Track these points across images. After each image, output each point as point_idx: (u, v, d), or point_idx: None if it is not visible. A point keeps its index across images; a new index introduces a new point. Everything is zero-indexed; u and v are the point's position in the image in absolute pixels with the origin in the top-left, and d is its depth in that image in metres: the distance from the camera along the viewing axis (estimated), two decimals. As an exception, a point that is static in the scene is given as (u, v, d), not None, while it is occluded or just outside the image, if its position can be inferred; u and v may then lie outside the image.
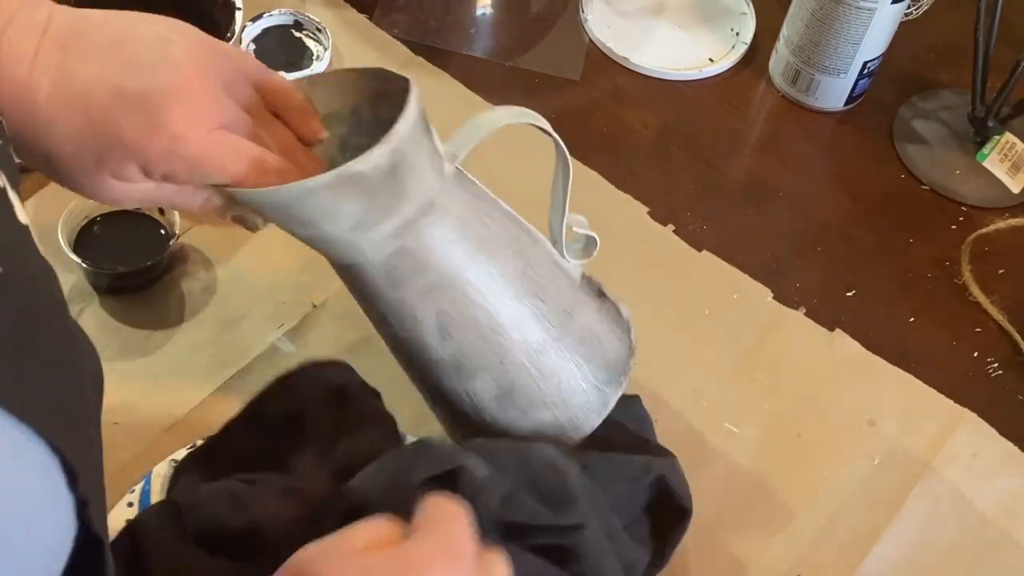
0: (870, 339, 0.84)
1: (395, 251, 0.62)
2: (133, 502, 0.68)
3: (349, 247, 0.62)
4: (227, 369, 0.78)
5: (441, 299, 0.64)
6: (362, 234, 0.61)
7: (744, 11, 1.05)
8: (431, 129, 0.62)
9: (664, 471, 0.69)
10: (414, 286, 0.63)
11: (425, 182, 0.61)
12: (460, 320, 0.65)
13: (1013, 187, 0.95)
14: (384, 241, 0.62)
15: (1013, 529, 0.76)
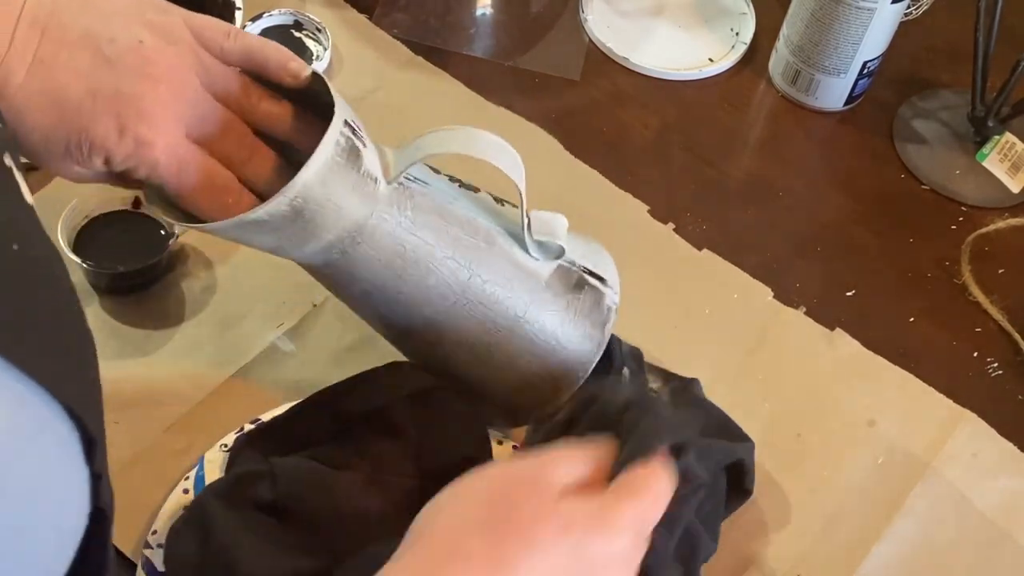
0: (870, 339, 0.84)
1: (324, 263, 0.65)
2: (188, 488, 0.70)
3: (283, 256, 0.65)
4: (227, 368, 0.78)
5: (378, 303, 0.67)
6: (286, 252, 0.64)
7: (744, 11, 1.05)
8: (362, 151, 0.62)
9: (744, 456, 0.71)
10: (350, 290, 0.67)
11: (345, 212, 0.62)
12: (399, 324, 0.68)
13: (1013, 187, 0.95)
14: (312, 255, 0.64)
15: (1013, 529, 0.76)
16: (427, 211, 0.65)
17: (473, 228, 0.67)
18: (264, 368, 0.78)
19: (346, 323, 0.81)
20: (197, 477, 0.71)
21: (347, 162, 0.61)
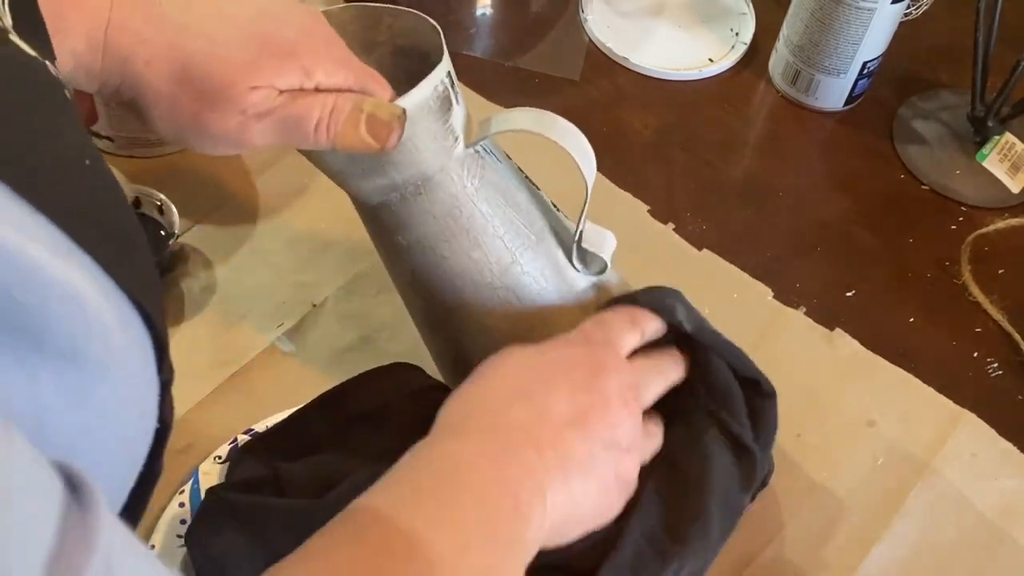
0: (870, 339, 0.84)
1: (379, 204, 0.65)
2: (184, 502, 0.70)
3: (342, 185, 0.66)
4: (227, 368, 0.78)
5: (416, 259, 0.67)
6: (346, 180, 0.65)
7: (744, 11, 1.05)
8: (453, 106, 0.63)
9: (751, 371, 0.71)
10: (393, 239, 0.67)
11: (420, 157, 0.63)
12: (429, 285, 0.68)
13: (1013, 187, 0.95)
14: (368, 193, 0.65)
15: (1013, 529, 0.76)
16: (492, 186, 0.66)
17: (529, 218, 0.68)
18: (264, 368, 0.78)
19: (346, 323, 0.81)
20: (192, 490, 0.70)
21: (439, 109, 0.62)
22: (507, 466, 0.53)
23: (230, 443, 0.72)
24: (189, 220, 0.84)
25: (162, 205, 0.81)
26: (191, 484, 0.70)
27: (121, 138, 0.86)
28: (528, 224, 0.67)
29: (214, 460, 0.71)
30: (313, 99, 0.58)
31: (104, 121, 0.84)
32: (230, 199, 0.87)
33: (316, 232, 0.85)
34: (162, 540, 0.68)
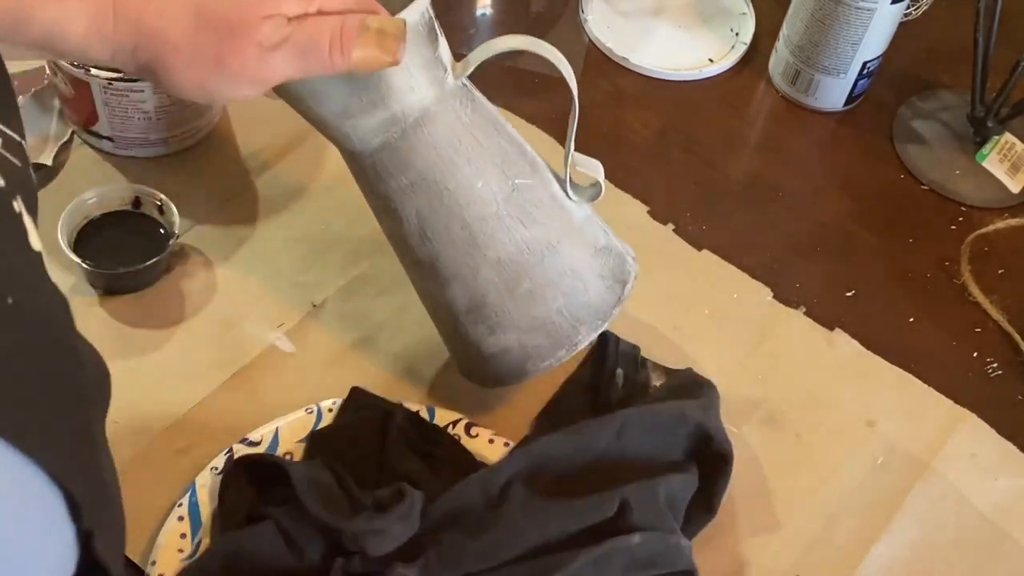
0: (870, 339, 0.84)
1: (380, 145, 0.66)
2: (183, 515, 0.69)
3: (341, 133, 0.66)
4: (227, 368, 0.78)
5: (420, 200, 0.67)
6: (349, 120, 0.65)
7: (744, 11, 1.05)
8: (438, 38, 0.65)
9: (699, 418, 0.72)
10: (396, 183, 0.67)
11: (417, 83, 0.64)
12: (437, 225, 0.68)
13: (1012, 187, 0.95)
14: (371, 132, 0.65)
15: (1013, 529, 0.76)
16: (485, 117, 0.68)
17: (520, 150, 0.70)
18: (264, 368, 0.78)
19: (346, 323, 0.81)
20: (191, 504, 0.70)
21: (427, 37, 0.64)
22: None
23: (225, 453, 0.72)
24: (189, 220, 0.84)
25: (162, 205, 0.81)
26: (188, 498, 0.70)
27: (121, 138, 0.86)
28: (520, 154, 0.69)
29: (211, 471, 0.71)
30: (321, 21, 0.60)
31: (104, 121, 0.84)
32: (230, 199, 0.87)
33: (316, 232, 0.85)
34: (163, 556, 0.68)
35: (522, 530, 0.67)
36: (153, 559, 0.67)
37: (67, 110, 0.87)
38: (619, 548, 0.67)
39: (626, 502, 0.68)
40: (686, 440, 0.73)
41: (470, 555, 0.66)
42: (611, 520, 0.68)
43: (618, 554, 0.67)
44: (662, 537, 0.68)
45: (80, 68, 0.80)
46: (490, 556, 0.67)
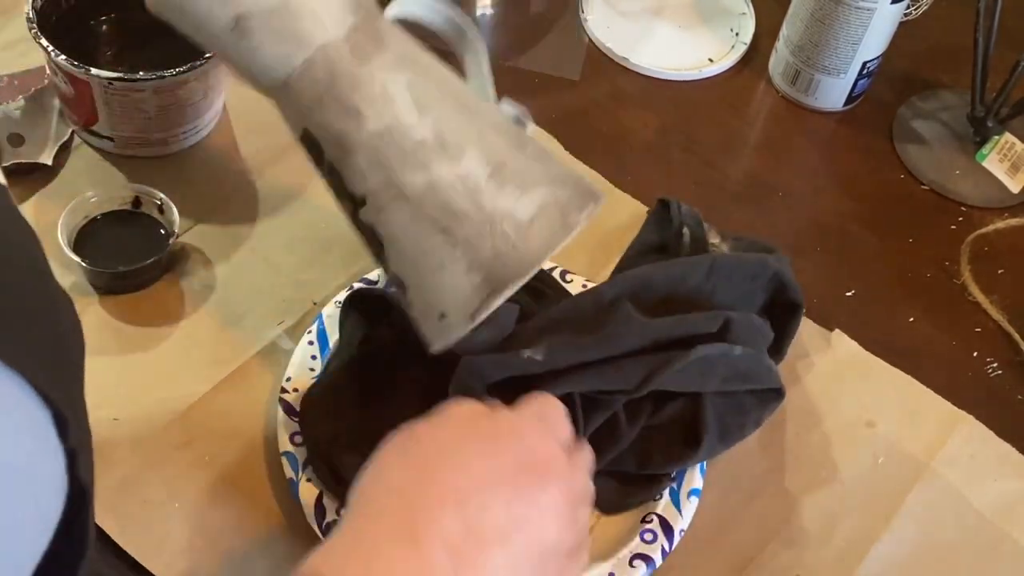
0: (869, 339, 0.84)
1: (354, 25, 0.62)
2: (313, 340, 0.78)
3: (315, 20, 0.61)
4: (227, 366, 0.78)
5: (408, 70, 0.63)
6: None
7: (744, 11, 1.05)
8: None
9: (777, 267, 0.77)
10: (380, 60, 0.62)
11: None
12: (433, 90, 0.63)
13: (1012, 187, 0.95)
14: (343, 11, 0.62)
15: (1012, 529, 0.76)
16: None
17: None
18: (264, 366, 0.78)
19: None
20: (319, 330, 0.78)
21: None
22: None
23: (347, 290, 0.79)
24: (189, 220, 0.84)
25: (162, 205, 0.81)
26: (317, 326, 0.78)
27: (121, 138, 0.86)
28: None
29: (335, 304, 0.79)
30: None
31: (104, 121, 0.84)
32: (230, 199, 0.87)
33: (316, 231, 0.85)
34: (296, 373, 0.76)
35: (637, 329, 0.71)
36: (288, 375, 0.75)
37: (67, 110, 0.87)
38: (724, 354, 0.71)
39: (729, 320, 0.73)
40: (763, 291, 0.78)
41: (590, 344, 0.70)
42: (715, 335, 0.72)
43: (721, 361, 0.72)
44: (758, 355, 0.74)
45: (80, 68, 0.80)
46: (607, 347, 0.70)
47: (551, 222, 0.63)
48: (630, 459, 0.73)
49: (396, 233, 0.63)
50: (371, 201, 0.63)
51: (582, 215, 0.64)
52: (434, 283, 0.63)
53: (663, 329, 0.72)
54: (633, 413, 0.73)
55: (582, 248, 0.86)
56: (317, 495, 0.70)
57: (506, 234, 0.63)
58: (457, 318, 0.63)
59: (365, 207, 0.63)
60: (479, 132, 0.63)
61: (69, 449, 0.39)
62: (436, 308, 0.63)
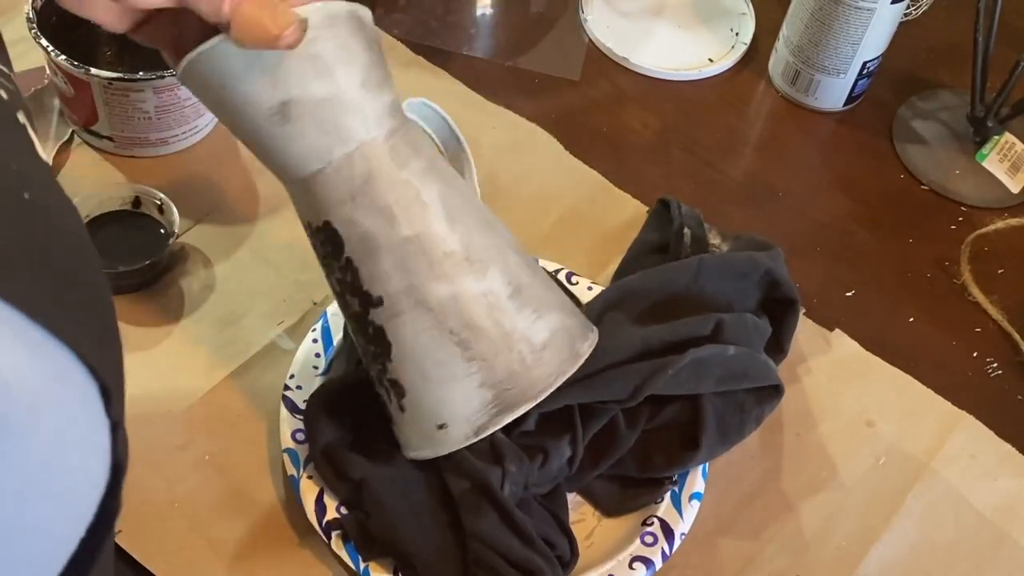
0: (869, 339, 0.84)
1: (393, 128, 0.61)
2: (317, 339, 0.78)
3: (361, 117, 0.60)
4: (227, 365, 0.78)
5: (439, 180, 0.63)
6: (368, 95, 0.60)
7: (744, 11, 1.05)
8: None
9: (768, 264, 0.77)
10: (416, 166, 0.62)
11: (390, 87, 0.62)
12: (460, 203, 0.63)
13: (1012, 187, 0.95)
14: (384, 113, 0.61)
15: (1012, 529, 0.76)
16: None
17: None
18: (264, 365, 0.78)
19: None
20: (323, 328, 0.78)
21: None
22: None
23: None
24: (189, 220, 0.84)
25: (162, 205, 0.81)
26: (321, 324, 0.78)
27: (121, 138, 0.86)
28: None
29: None
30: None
31: (104, 121, 0.85)
32: (230, 199, 0.87)
33: (316, 232, 0.85)
34: (300, 370, 0.76)
35: (626, 339, 0.71)
36: (292, 373, 0.75)
37: (67, 110, 0.87)
38: (717, 355, 0.71)
39: (721, 322, 0.73)
40: (757, 289, 0.78)
41: None
42: (707, 337, 0.73)
43: (715, 362, 0.72)
44: (753, 354, 0.74)
45: (80, 68, 0.80)
46: (599, 358, 0.69)
47: (561, 350, 0.64)
48: (631, 463, 0.73)
49: (409, 339, 0.63)
50: (388, 303, 0.62)
51: (586, 345, 0.66)
52: (441, 394, 0.63)
53: (654, 336, 0.72)
54: (632, 418, 0.73)
55: (582, 248, 0.86)
56: (318, 492, 0.70)
57: (522, 355, 0.63)
58: (459, 431, 0.64)
59: (379, 308, 0.62)
60: (500, 250, 0.64)
61: (113, 422, 0.39)
62: (436, 418, 0.64)
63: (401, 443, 0.68)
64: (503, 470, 0.68)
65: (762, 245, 0.81)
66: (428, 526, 0.68)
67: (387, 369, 0.64)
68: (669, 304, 0.76)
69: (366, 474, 0.68)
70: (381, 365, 0.64)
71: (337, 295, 0.65)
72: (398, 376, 0.64)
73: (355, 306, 0.64)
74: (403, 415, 0.65)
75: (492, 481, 0.67)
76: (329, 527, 0.69)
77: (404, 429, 0.66)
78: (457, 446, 0.65)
